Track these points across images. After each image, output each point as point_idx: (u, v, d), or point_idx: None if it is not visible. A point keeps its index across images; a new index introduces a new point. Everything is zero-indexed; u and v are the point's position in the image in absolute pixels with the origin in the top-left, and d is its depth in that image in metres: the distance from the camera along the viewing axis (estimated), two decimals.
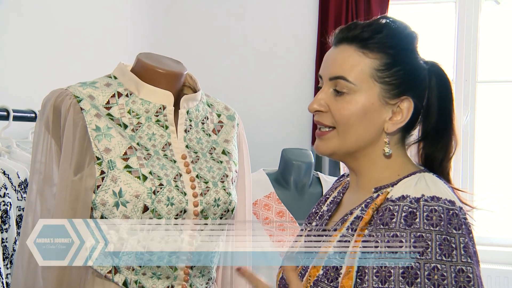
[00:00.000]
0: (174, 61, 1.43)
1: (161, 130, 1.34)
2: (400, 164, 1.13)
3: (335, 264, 1.03)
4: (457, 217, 0.98)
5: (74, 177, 1.26)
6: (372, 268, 0.99)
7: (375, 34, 1.09)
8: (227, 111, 1.52)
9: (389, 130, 1.09)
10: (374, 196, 1.08)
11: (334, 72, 1.10)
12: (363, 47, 1.09)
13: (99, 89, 1.33)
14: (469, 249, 0.96)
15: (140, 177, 1.25)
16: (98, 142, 1.26)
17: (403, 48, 1.11)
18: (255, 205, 2.04)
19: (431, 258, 0.95)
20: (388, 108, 1.09)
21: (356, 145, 1.11)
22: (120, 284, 1.27)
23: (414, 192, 1.01)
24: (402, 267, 0.95)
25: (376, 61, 1.08)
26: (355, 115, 1.08)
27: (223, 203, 1.34)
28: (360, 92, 1.08)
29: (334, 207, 1.21)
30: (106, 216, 1.24)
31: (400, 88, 1.08)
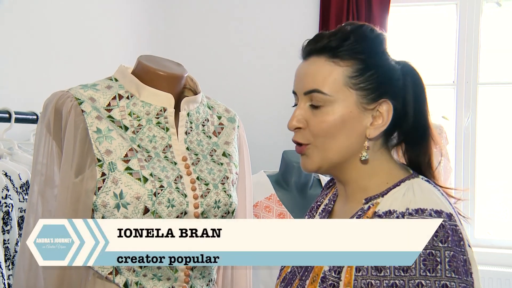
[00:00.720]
0: (175, 64, 1.44)
1: (161, 132, 1.34)
2: (387, 171, 1.11)
3: (332, 281, 1.02)
4: (443, 229, 0.95)
5: (75, 179, 1.26)
6: (360, 287, 0.98)
7: (343, 41, 1.07)
8: (227, 113, 1.52)
9: (371, 135, 1.07)
10: (365, 208, 1.06)
11: (307, 86, 1.08)
12: (333, 56, 1.07)
13: (100, 91, 1.33)
14: (454, 263, 0.93)
15: (140, 179, 1.25)
16: (99, 144, 1.27)
17: (373, 51, 1.09)
18: (255, 206, 2.04)
19: (415, 274, 0.93)
20: (368, 114, 1.07)
21: (339, 156, 1.09)
22: (121, 285, 1.28)
23: (400, 205, 1.00)
24: (386, 286, 0.94)
25: (348, 68, 1.06)
26: (335, 126, 1.06)
27: (223, 205, 1.35)
28: (337, 102, 1.06)
29: (326, 216, 1.20)
30: (107, 217, 1.24)
31: (377, 92, 1.07)
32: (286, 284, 1.17)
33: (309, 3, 3.53)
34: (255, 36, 3.62)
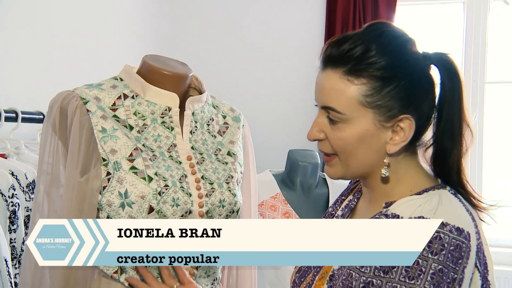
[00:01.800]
0: (180, 63, 1.44)
1: (166, 132, 1.35)
2: (412, 177, 1.07)
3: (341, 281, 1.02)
4: (439, 241, 0.92)
5: (81, 178, 1.27)
6: (342, 274, 0.98)
7: (362, 54, 1.01)
8: (232, 112, 1.53)
9: (391, 151, 1.03)
10: (383, 211, 1.03)
11: (323, 101, 1.05)
12: (349, 72, 1.01)
13: (105, 91, 1.34)
14: (438, 277, 0.91)
15: (145, 178, 1.26)
16: (104, 143, 1.27)
17: (395, 64, 1.01)
18: (261, 206, 2.05)
19: (395, 278, 0.92)
20: (387, 130, 1.03)
21: (361, 170, 1.07)
22: (126, 284, 1.28)
23: (408, 213, 0.98)
24: (363, 282, 0.94)
25: (363, 86, 1.01)
26: (351, 144, 1.03)
27: (228, 204, 1.35)
28: (353, 120, 1.02)
29: (349, 213, 1.20)
30: (112, 217, 1.25)
31: (397, 108, 1.01)
32: (301, 276, 1.17)
33: (315, 2, 3.52)
34: (261, 36, 3.61)
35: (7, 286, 1.48)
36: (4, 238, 1.50)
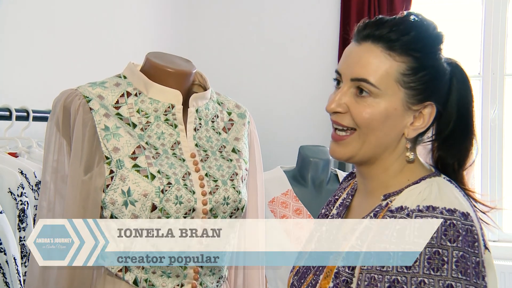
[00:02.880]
0: (184, 60, 1.43)
1: (170, 129, 1.34)
2: (411, 168, 1.09)
3: (345, 278, 1.01)
4: (454, 228, 0.92)
5: (84, 176, 1.27)
6: (364, 280, 0.96)
7: (403, 35, 1.03)
8: (238, 109, 1.51)
9: (409, 135, 1.05)
10: (383, 204, 1.04)
11: (357, 73, 1.04)
12: (389, 48, 1.03)
13: (109, 88, 1.34)
14: (463, 263, 0.91)
15: (148, 176, 1.26)
16: (107, 141, 1.27)
17: (429, 51, 1.05)
18: (272, 202, 2.03)
19: (418, 272, 0.91)
20: (410, 113, 1.04)
21: (374, 150, 1.07)
22: (130, 282, 1.28)
23: (413, 202, 0.98)
24: (388, 281, 0.92)
25: (403, 64, 1.02)
26: (377, 120, 1.03)
27: (232, 201, 1.34)
28: (384, 97, 1.03)
29: (344, 211, 1.19)
30: (116, 215, 1.25)
31: (424, 94, 1.04)
32: (300, 277, 1.16)
33: None
34: (274, 32, 3.60)
35: (16, 284, 1.49)
36: (13, 237, 1.51)
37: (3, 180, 1.56)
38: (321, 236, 1.20)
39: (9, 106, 1.79)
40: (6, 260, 1.48)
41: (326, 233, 1.19)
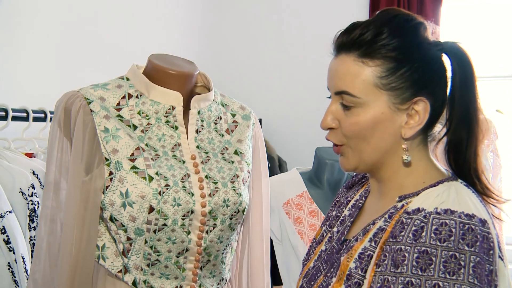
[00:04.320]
0: (186, 62, 1.43)
1: (171, 131, 1.34)
2: (424, 169, 1.06)
3: (357, 280, 0.99)
4: (472, 232, 0.89)
5: (85, 177, 1.28)
6: (377, 282, 0.94)
7: (375, 36, 1.00)
8: (242, 110, 1.50)
9: (407, 135, 1.02)
10: (398, 206, 1.01)
11: (337, 86, 1.04)
12: (362, 55, 1.01)
13: (110, 90, 1.34)
14: (479, 269, 0.88)
15: (146, 177, 1.26)
16: (106, 143, 1.28)
17: (408, 45, 1.01)
18: (287, 204, 2.01)
19: (433, 275, 0.88)
20: (401, 113, 1.01)
21: (374, 157, 1.05)
22: (129, 283, 1.29)
23: (430, 204, 0.95)
24: (401, 283, 0.90)
25: (378, 68, 1.00)
26: (366, 128, 1.02)
27: (232, 203, 1.33)
28: (368, 104, 1.01)
29: (356, 213, 1.16)
30: (115, 216, 1.25)
31: (411, 90, 1.00)
32: (309, 280, 1.15)
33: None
34: (301, 32, 3.59)
35: (24, 283, 1.51)
36: (21, 236, 1.54)
37: (14, 180, 1.59)
38: (332, 237, 1.18)
39: (27, 107, 1.82)
40: (15, 259, 1.51)
41: (337, 234, 1.16)
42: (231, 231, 1.36)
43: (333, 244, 1.15)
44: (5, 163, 1.63)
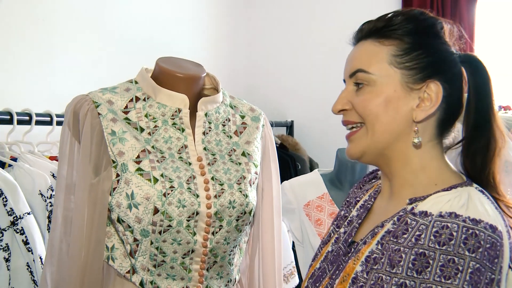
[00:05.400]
0: (194, 64, 1.44)
1: (177, 133, 1.35)
2: (437, 169, 1.04)
3: (363, 283, 0.97)
4: (475, 238, 0.87)
5: (93, 180, 1.30)
6: (371, 279, 0.94)
7: (389, 22, 1.05)
8: (252, 112, 1.50)
9: (418, 118, 1.01)
10: (408, 208, 0.99)
11: (352, 67, 1.07)
12: (379, 36, 1.05)
13: (118, 94, 1.37)
14: (476, 277, 0.85)
15: (151, 179, 1.27)
16: (113, 145, 1.30)
17: (422, 32, 1.04)
18: (307, 206, 2.00)
19: (429, 278, 0.86)
20: (414, 95, 1.02)
21: (385, 139, 1.04)
22: (137, 284, 1.30)
23: (438, 209, 0.93)
24: (395, 284, 0.89)
25: (393, 47, 1.03)
26: (379, 105, 1.02)
27: (239, 205, 1.33)
28: (381, 81, 1.03)
29: (365, 214, 1.15)
30: (122, 217, 1.27)
31: (424, 72, 1.02)
32: (315, 281, 1.14)
33: None
34: (333, 34, 3.55)
35: None
36: (40, 237, 1.58)
37: (34, 183, 1.64)
38: (339, 238, 1.16)
39: (51, 112, 1.88)
40: (34, 259, 1.55)
41: (344, 235, 1.15)
42: (238, 232, 1.36)
43: (339, 246, 1.14)
44: (26, 166, 1.68)
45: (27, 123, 1.83)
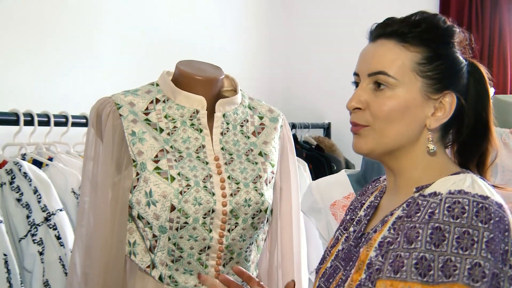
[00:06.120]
0: (213, 67, 1.49)
1: (195, 133, 1.40)
2: (442, 164, 1.08)
3: (378, 267, 1.00)
4: (486, 211, 0.91)
5: (115, 178, 1.37)
6: (389, 258, 0.96)
7: (414, 28, 1.06)
8: (270, 113, 1.53)
9: (431, 126, 1.05)
10: (416, 195, 1.03)
11: (373, 67, 1.07)
12: (403, 40, 1.06)
13: (140, 96, 1.43)
14: (492, 245, 0.89)
15: (168, 178, 1.32)
16: (133, 145, 1.36)
17: (443, 41, 1.07)
18: (333, 206, 2.02)
19: (446, 250, 0.89)
20: (431, 104, 1.05)
21: (395, 143, 1.07)
22: (156, 278, 1.36)
23: (446, 189, 0.97)
24: (415, 258, 0.91)
25: (418, 54, 1.05)
26: (397, 111, 1.05)
27: (254, 203, 1.37)
28: (402, 87, 1.04)
29: (372, 211, 1.18)
30: (141, 214, 1.33)
31: (443, 83, 1.05)
32: (327, 278, 1.16)
33: None
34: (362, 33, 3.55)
35: None
36: (71, 232, 1.67)
37: (67, 181, 1.74)
38: (349, 237, 1.19)
39: (86, 114, 1.97)
40: (65, 253, 1.64)
41: (354, 233, 1.18)
42: (254, 230, 1.40)
43: (350, 243, 1.16)
44: (60, 166, 1.78)
45: (63, 125, 1.94)
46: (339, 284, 1.09)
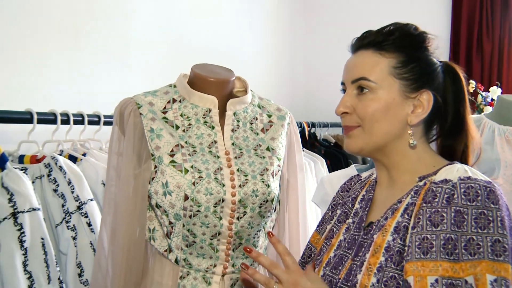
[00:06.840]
0: (225, 69, 1.62)
1: (208, 130, 1.54)
2: (431, 157, 1.22)
3: (398, 249, 1.10)
4: (493, 193, 1.04)
5: (135, 171, 1.52)
6: (415, 241, 1.07)
7: (388, 36, 1.20)
8: (278, 112, 1.66)
9: (412, 122, 1.19)
10: (421, 184, 1.16)
11: (355, 75, 1.22)
12: (379, 49, 1.20)
13: (158, 96, 1.58)
14: (506, 223, 1.02)
15: (182, 170, 1.47)
16: (151, 141, 1.51)
17: (416, 46, 1.21)
18: None
19: (467, 230, 1.02)
20: (409, 102, 1.19)
21: (382, 140, 1.20)
22: (172, 261, 1.51)
23: (455, 176, 1.10)
24: (443, 239, 1.03)
25: (393, 59, 1.19)
26: (379, 111, 1.18)
27: (261, 193, 1.50)
28: (382, 90, 1.18)
29: (369, 203, 1.28)
30: (159, 203, 1.48)
31: (418, 82, 1.19)
32: (334, 267, 1.23)
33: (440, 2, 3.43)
34: None
35: None
36: (101, 219, 1.83)
37: (98, 174, 1.91)
38: (349, 227, 1.28)
39: None
40: (95, 239, 1.81)
41: (354, 224, 1.27)
42: (261, 218, 1.53)
43: (352, 233, 1.25)
44: (92, 160, 1.95)
45: (96, 124, 2.11)
46: (352, 269, 1.17)
